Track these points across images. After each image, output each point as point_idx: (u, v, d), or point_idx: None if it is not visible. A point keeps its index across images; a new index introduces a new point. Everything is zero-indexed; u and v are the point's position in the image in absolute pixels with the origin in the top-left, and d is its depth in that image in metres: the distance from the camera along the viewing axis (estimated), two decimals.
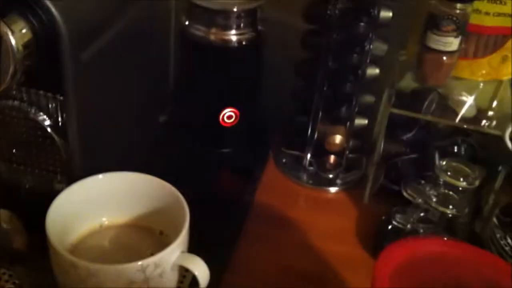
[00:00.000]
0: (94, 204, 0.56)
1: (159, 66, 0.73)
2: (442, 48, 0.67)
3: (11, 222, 0.58)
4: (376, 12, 0.67)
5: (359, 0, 0.69)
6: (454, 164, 0.66)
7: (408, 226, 0.67)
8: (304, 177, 0.80)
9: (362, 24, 0.68)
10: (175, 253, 0.50)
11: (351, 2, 0.68)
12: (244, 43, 0.72)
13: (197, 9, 0.71)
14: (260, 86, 0.80)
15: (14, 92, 0.53)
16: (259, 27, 0.74)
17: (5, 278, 0.56)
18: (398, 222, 0.68)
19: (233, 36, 0.72)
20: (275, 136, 0.85)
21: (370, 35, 0.69)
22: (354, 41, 0.70)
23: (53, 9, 0.46)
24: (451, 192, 0.66)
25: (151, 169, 0.58)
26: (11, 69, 0.46)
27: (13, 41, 0.45)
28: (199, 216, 0.53)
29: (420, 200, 0.66)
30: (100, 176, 0.56)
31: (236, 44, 0.72)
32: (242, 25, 0.72)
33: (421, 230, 0.66)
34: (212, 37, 0.72)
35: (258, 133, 0.84)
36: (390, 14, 0.68)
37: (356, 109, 0.74)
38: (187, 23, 0.73)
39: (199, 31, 0.72)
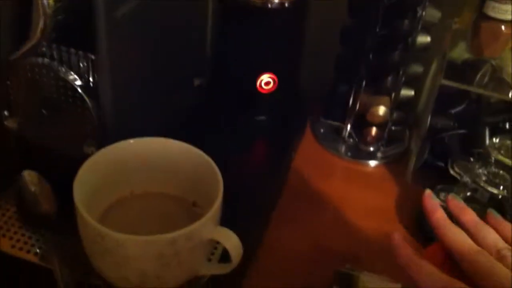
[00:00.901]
0: (124, 170, 0.54)
1: (196, 28, 0.70)
2: (500, 16, 0.63)
3: (40, 185, 0.56)
4: None
5: None
6: (507, 142, 0.63)
7: None
8: (343, 149, 0.77)
9: None
10: (207, 226, 0.48)
11: None
12: (286, 5, 0.69)
13: None
14: (301, 52, 0.76)
15: (44, 49, 0.51)
16: None
17: (31, 242, 0.55)
18: (442, 201, 0.64)
19: None
20: (313, 104, 0.82)
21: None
22: (406, 6, 0.66)
23: None
24: (502, 172, 0.63)
25: (185, 136, 0.55)
26: (41, 23, 0.44)
27: None
28: (233, 187, 0.50)
29: (467, 179, 0.63)
30: (132, 141, 0.54)
31: (278, 6, 0.69)
32: None
33: None
34: None
35: (296, 101, 0.81)
36: None
37: (403, 79, 0.69)
38: None
39: None
